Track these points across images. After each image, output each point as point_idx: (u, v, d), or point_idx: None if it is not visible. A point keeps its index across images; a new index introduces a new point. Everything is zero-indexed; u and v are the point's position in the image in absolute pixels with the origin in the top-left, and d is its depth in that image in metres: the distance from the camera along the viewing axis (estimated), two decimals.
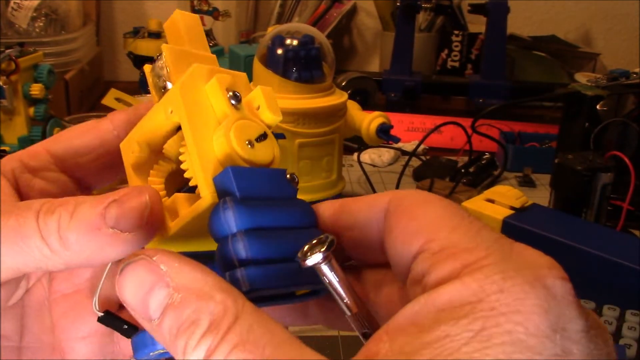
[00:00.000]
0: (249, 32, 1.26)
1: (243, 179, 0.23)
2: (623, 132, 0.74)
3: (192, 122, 0.24)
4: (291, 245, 0.23)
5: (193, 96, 0.25)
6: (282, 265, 0.22)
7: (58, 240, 0.22)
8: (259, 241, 0.22)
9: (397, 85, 1.08)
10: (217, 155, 0.24)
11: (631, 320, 0.45)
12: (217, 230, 0.22)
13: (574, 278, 0.59)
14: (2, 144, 0.86)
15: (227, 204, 0.22)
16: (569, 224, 0.60)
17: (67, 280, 0.26)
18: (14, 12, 1.01)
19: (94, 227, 0.22)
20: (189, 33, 0.28)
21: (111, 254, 0.22)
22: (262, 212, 0.23)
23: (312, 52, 0.63)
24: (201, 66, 0.25)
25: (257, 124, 0.25)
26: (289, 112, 0.61)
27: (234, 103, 0.24)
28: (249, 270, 0.21)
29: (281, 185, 0.24)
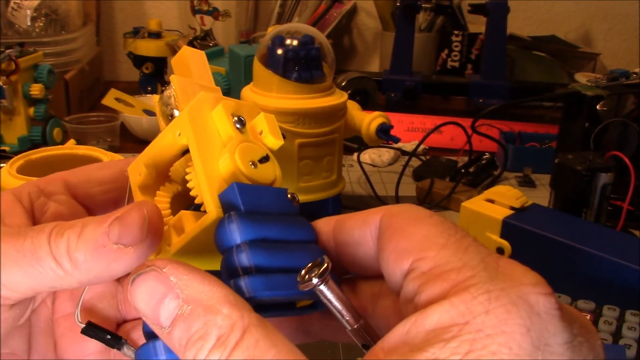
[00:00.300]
0: (249, 32, 1.26)
1: (247, 194, 0.24)
2: (623, 132, 0.74)
3: (199, 143, 0.26)
4: (293, 257, 0.24)
5: (200, 120, 0.26)
6: (284, 276, 0.23)
7: (69, 261, 0.23)
8: (262, 251, 0.23)
9: (397, 85, 1.08)
10: (222, 174, 0.25)
11: (631, 320, 0.45)
12: (222, 242, 0.24)
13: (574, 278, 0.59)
14: (2, 144, 0.86)
15: (232, 217, 0.23)
16: (569, 224, 0.60)
17: (67, 301, 0.28)
18: (14, 12, 1.01)
19: (99, 246, 0.23)
20: (195, 67, 0.30)
21: (117, 268, 0.24)
22: (265, 225, 0.24)
23: (312, 52, 0.63)
24: (208, 94, 0.27)
25: (260, 147, 0.27)
26: (289, 112, 0.61)
27: (239, 127, 0.26)
28: (252, 278, 0.23)
29: (283, 203, 0.26)
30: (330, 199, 0.67)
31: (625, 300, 0.50)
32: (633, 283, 0.52)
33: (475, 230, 0.62)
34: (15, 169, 0.59)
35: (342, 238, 0.26)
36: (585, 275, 0.55)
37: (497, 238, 0.60)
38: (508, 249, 0.59)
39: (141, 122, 0.92)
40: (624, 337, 0.43)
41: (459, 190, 0.76)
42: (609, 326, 0.44)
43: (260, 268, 0.23)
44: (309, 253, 0.25)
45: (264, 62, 0.63)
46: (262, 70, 0.63)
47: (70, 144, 0.66)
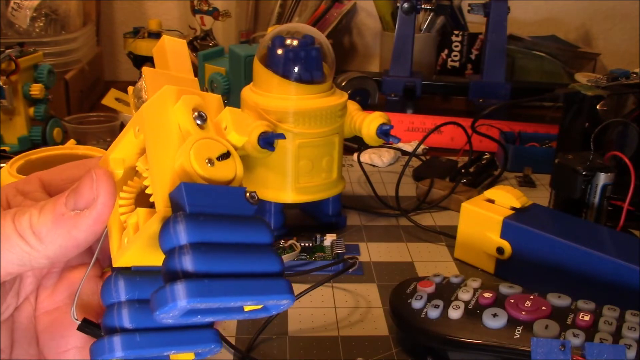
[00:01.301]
0: (249, 32, 1.26)
1: (196, 195, 0.24)
2: (623, 132, 0.74)
3: (155, 140, 0.25)
4: (239, 261, 0.24)
5: (160, 116, 0.26)
6: (226, 281, 0.23)
7: (32, 235, 0.25)
8: (205, 255, 0.23)
9: (397, 85, 1.08)
10: (176, 172, 0.25)
11: (631, 320, 0.45)
12: (165, 242, 0.23)
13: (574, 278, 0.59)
14: (2, 144, 0.86)
15: (177, 218, 0.23)
16: (569, 224, 0.60)
17: (49, 299, 0.29)
18: (14, 12, 1.01)
19: (58, 215, 0.25)
20: (173, 57, 0.30)
21: (77, 234, 0.25)
22: (211, 227, 0.24)
23: (312, 52, 0.63)
24: (171, 87, 0.26)
25: (220, 144, 0.26)
26: (289, 112, 0.61)
27: (199, 123, 0.26)
28: (189, 282, 0.22)
29: (238, 203, 0.25)
30: (330, 199, 0.68)
31: (625, 300, 0.50)
32: (633, 283, 0.52)
33: (475, 230, 0.62)
34: (15, 169, 0.59)
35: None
36: (585, 275, 0.54)
37: (497, 238, 0.60)
38: (508, 249, 0.59)
39: None
40: (624, 337, 0.43)
41: (459, 190, 0.76)
42: (609, 326, 0.44)
43: (202, 272, 0.23)
44: (258, 257, 0.24)
45: (264, 62, 0.63)
46: (262, 70, 0.63)
47: (70, 144, 0.66)
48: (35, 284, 0.30)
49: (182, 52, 0.30)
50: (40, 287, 0.30)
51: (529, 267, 0.58)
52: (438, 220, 0.73)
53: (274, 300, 0.24)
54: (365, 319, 0.54)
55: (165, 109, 0.26)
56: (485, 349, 0.45)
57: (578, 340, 0.43)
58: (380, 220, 0.73)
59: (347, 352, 0.50)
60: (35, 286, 0.30)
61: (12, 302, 0.29)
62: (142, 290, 0.27)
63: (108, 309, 0.27)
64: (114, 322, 0.26)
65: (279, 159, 0.63)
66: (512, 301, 0.46)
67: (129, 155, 0.28)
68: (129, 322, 0.26)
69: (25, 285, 0.29)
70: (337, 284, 0.59)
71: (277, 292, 0.24)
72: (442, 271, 0.62)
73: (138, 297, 0.27)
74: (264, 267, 0.24)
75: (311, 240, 0.63)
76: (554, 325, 0.44)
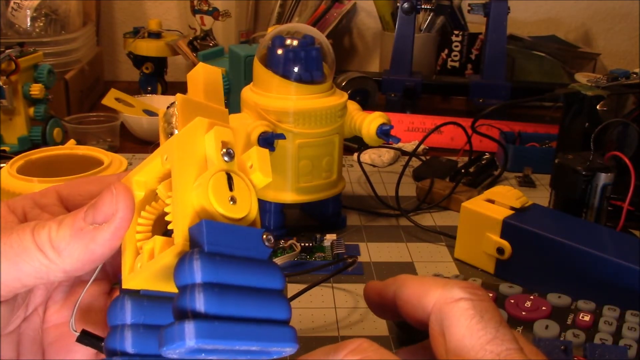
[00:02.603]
0: (249, 32, 1.26)
1: (215, 233, 0.24)
2: (623, 132, 0.74)
3: (182, 171, 0.25)
4: (249, 306, 0.24)
5: (189, 147, 0.26)
6: (234, 324, 0.23)
7: (51, 248, 0.25)
8: (217, 296, 0.23)
9: (397, 85, 1.08)
10: (195, 206, 0.25)
11: (631, 320, 0.45)
12: (179, 278, 0.23)
13: (574, 278, 0.59)
14: (2, 144, 0.86)
15: (194, 255, 0.23)
16: (569, 224, 0.60)
17: (59, 312, 0.30)
18: (14, 12, 1.01)
19: (77, 229, 0.25)
20: (206, 85, 0.30)
21: (95, 248, 0.25)
22: (226, 268, 0.24)
23: (312, 52, 0.63)
24: (203, 120, 0.26)
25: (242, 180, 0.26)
26: (289, 112, 0.61)
27: (226, 160, 0.26)
28: (198, 323, 0.22)
29: (254, 245, 0.25)
30: (330, 199, 0.67)
31: (625, 300, 0.50)
32: (633, 283, 0.52)
33: (475, 230, 0.62)
34: (15, 169, 0.59)
35: (399, 301, 0.30)
36: (585, 275, 0.54)
37: (497, 238, 0.60)
38: (508, 249, 0.59)
39: (141, 122, 0.92)
40: (624, 338, 0.43)
41: (459, 190, 0.76)
42: (609, 326, 0.44)
43: (212, 314, 0.23)
44: (268, 303, 0.24)
45: (264, 62, 0.63)
46: (262, 70, 0.63)
47: (70, 144, 0.66)
48: (45, 296, 0.30)
49: (216, 80, 0.30)
50: (50, 300, 0.30)
51: (529, 267, 0.58)
52: (438, 220, 0.73)
53: (277, 347, 0.24)
54: (365, 319, 0.54)
55: (195, 141, 0.26)
56: None
57: (578, 340, 0.43)
58: (380, 220, 0.73)
59: None
60: (45, 298, 0.30)
61: (21, 313, 0.29)
62: (149, 315, 0.27)
63: (112, 330, 0.26)
64: (116, 344, 0.26)
65: (279, 159, 0.63)
66: (512, 301, 0.46)
67: (151, 179, 0.28)
68: (131, 346, 0.26)
69: (35, 296, 0.29)
70: (337, 284, 0.59)
71: (282, 340, 0.24)
72: (442, 271, 0.62)
73: (144, 322, 0.27)
74: (273, 314, 0.25)
75: (311, 240, 0.63)
76: (554, 325, 0.44)
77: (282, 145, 0.62)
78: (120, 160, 0.62)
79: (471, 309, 0.27)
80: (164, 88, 1.16)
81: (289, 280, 0.59)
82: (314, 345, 0.51)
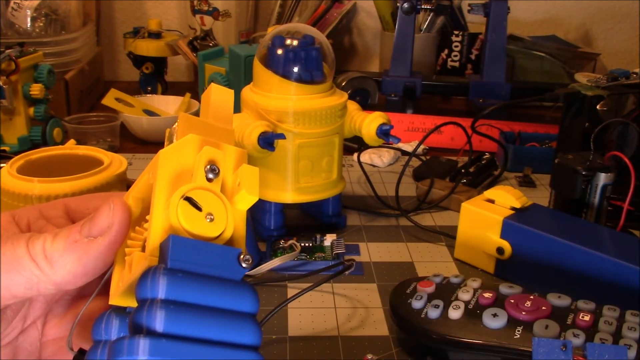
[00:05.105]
0: (249, 32, 1.26)
1: (183, 250, 0.23)
2: (623, 132, 0.74)
3: (161, 186, 0.25)
4: (209, 327, 0.23)
5: (176, 164, 0.26)
6: (188, 344, 0.22)
7: (44, 259, 0.25)
8: (173, 314, 0.22)
9: (397, 85, 1.08)
10: (167, 222, 0.24)
11: (631, 320, 0.45)
12: (139, 291, 0.23)
13: (574, 278, 0.59)
14: (2, 144, 0.86)
15: (156, 270, 0.23)
16: (569, 224, 0.60)
17: (56, 327, 0.29)
18: (14, 12, 1.01)
19: (71, 242, 0.25)
20: (216, 105, 0.30)
21: (88, 261, 0.25)
22: (189, 286, 0.23)
23: (312, 52, 0.63)
24: (194, 137, 0.26)
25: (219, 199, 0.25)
26: (289, 112, 0.61)
27: (210, 177, 0.25)
28: (149, 339, 0.22)
29: (228, 265, 0.24)
30: (330, 199, 0.68)
31: (625, 300, 0.50)
32: (633, 283, 0.52)
33: (475, 230, 0.62)
34: (15, 169, 0.58)
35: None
36: (585, 275, 0.54)
37: (497, 238, 0.60)
38: (508, 249, 0.59)
39: (141, 122, 0.92)
40: (624, 338, 0.43)
41: (459, 190, 0.76)
42: (609, 326, 0.44)
43: (165, 332, 0.22)
44: (234, 326, 0.23)
45: (264, 62, 0.63)
46: (262, 70, 0.63)
47: (70, 144, 0.66)
48: (45, 309, 0.29)
49: (226, 100, 0.30)
50: (50, 314, 0.30)
51: (529, 267, 0.58)
52: (438, 220, 0.73)
53: None
54: (365, 319, 0.54)
55: (182, 157, 0.26)
56: (485, 349, 0.45)
57: (578, 340, 0.43)
58: (380, 220, 0.73)
59: (347, 352, 0.50)
60: (44, 312, 0.29)
61: (18, 325, 0.29)
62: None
63: (95, 345, 0.26)
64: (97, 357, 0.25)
65: (279, 159, 0.63)
66: (512, 301, 0.46)
67: (148, 196, 0.28)
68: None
69: (34, 309, 0.29)
70: (337, 284, 0.59)
71: None
72: (442, 271, 0.62)
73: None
74: (237, 338, 0.24)
75: (311, 240, 0.63)
76: (554, 325, 0.44)
77: (282, 145, 0.62)
78: (120, 160, 0.62)
79: None
80: (164, 88, 1.16)
81: (289, 281, 0.59)
82: (314, 345, 0.51)
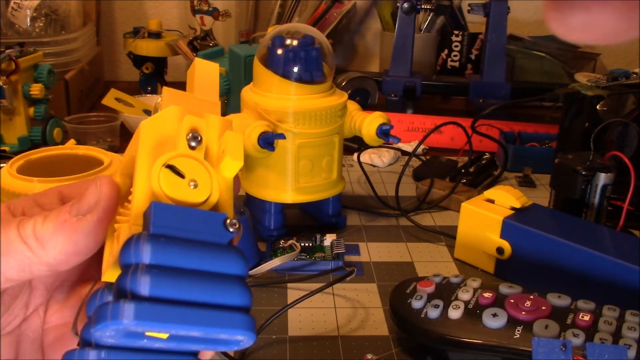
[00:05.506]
0: (249, 32, 1.26)
1: (165, 216, 0.23)
2: (623, 132, 0.74)
3: (143, 156, 0.25)
4: (195, 289, 0.23)
5: (158, 134, 0.26)
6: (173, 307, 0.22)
7: (35, 240, 0.25)
8: (157, 277, 0.22)
9: (397, 85, 1.08)
10: (149, 189, 0.25)
11: (631, 320, 0.45)
12: (122, 258, 0.23)
13: (574, 278, 0.59)
14: (2, 144, 0.86)
15: (139, 237, 0.23)
16: (569, 224, 0.60)
17: (58, 313, 0.30)
18: (14, 12, 1.01)
19: (61, 222, 0.25)
20: (200, 79, 0.30)
21: (78, 239, 0.25)
22: (172, 250, 0.23)
23: (312, 52, 0.63)
24: (175, 108, 0.26)
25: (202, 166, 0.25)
26: (289, 112, 0.61)
27: (192, 145, 0.25)
28: (132, 303, 0.22)
29: (212, 229, 0.24)
30: (330, 199, 0.67)
31: (625, 300, 0.50)
32: (633, 283, 0.52)
33: (475, 230, 0.62)
34: (15, 169, 0.59)
35: None
36: (585, 275, 0.54)
37: (497, 238, 0.60)
38: (508, 249, 0.59)
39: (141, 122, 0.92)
40: (624, 337, 0.43)
41: (459, 190, 0.76)
42: (609, 326, 0.44)
43: (150, 296, 0.22)
44: (222, 288, 0.23)
45: (264, 62, 0.63)
46: (262, 70, 0.63)
47: (70, 144, 0.66)
48: (46, 296, 0.30)
49: (211, 74, 0.30)
50: (51, 300, 0.30)
51: (529, 267, 0.58)
52: (438, 220, 0.73)
53: (225, 335, 0.23)
54: (365, 319, 0.54)
55: (164, 127, 0.26)
56: (485, 349, 0.45)
57: (578, 340, 0.43)
58: (380, 220, 0.73)
59: (347, 352, 0.50)
60: (46, 299, 0.30)
61: (20, 313, 0.29)
62: None
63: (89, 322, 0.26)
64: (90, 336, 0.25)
65: (279, 159, 0.63)
66: (512, 301, 0.46)
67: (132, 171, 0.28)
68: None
69: (35, 297, 0.29)
70: (337, 284, 0.59)
71: (232, 326, 0.23)
72: (442, 271, 0.62)
73: None
74: (226, 299, 0.23)
75: (311, 240, 0.63)
76: (554, 325, 0.44)
77: (282, 145, 0.62)
78: (120, 160, 0.62)
79: None
80: None
81: (290, 281, 0.59)
82: (314, 345, 0.51)
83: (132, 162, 0.27)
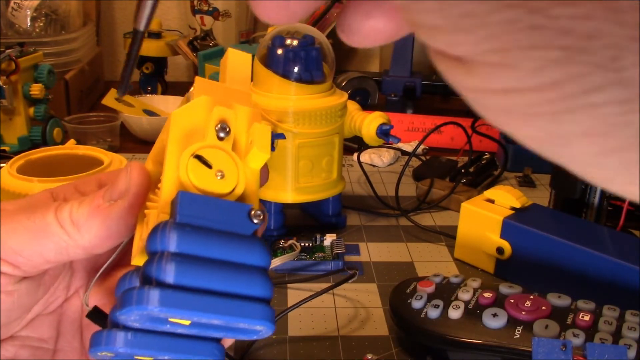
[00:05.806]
0: (249, 32, 1.26)
1: (191, 205, 0.24)
2: None
3: (173, 145, 0.26)
4: (218, 279, 0.23)
5: (187, 124, 0.26)
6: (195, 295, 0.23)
7: (71, 224, 0.26)
8: (182, 266, 0.23)
9: (397, 85, 1.08)
10: (177, 178, 0.25)
11: (631, 320, 0.45)
12: (149, 245, 0.24)
13: (574, 278, 0.59)
14: (2, 144, 0.86)
15: (166, 225, 0.23)
16: (569, 224, 0.60)
17: (96, 294, 0.31)
18: (14, 12, 1.01)
19: (95, 206, 0.27)
20: (232, 69, 0.30)
21: (111, 224, 0.26)
22: (197, 240, 0.23)
23: (312, 52, 0.63)
24: (205, 98, 0.27)
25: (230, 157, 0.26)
26: (289, 112, 0.61)
27: (221, 135, 0.26)
28: (156, 290, 0.22)
29: (238, 221, 0.25)
30: (330, 199, 0.68)
31: (625, 300, 0.50)
32: (633, 283, 0.52)
33: (475, 230, 0.62)
34: (15, 169, 0.58)
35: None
36: (585, 275, 0.54)
37: (497, 238, 0.60)
38: (508, 249, 0.59)
39: (141, 122, 0.92)
40: (624, 337, 0.43)
41: (459, 190, 0.76)
42: (609, 326, 0.44)
43: (174, 283, 0.22)
44: (244, 278, 0.24)
45: (264, 62, 0.63)
46: (262, 70, 0.63)
47: (70, 144, 0.66)
48: (86, 278, 0.31)
49: (243, 64, 0.31)
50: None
51: (529, 267, 0.58)
52: (438, 220, 0.73)
53: (245, 324, 0.24)
54: (365, 319, 0.54)
55: (193, 117, 0.27)
56: (485, 349, 0.45)
57: (578, 340, 0.43)
58: (380, 220, 0.73)
59: (347, 352, 0.50)
60: (86, 281, 0.31)
61: (62, 294, 0.30)
62: None
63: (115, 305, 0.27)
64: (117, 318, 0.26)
65: (279, 159, 0.63)
66: (512, 301, 0.46)
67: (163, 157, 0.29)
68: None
69: (76, 279, 0.31)
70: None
71: (252, 316, 0.23)
72: (442, 271, 0.62)
73: None
74: (247, 290, 0.24)
75: (311, 240, 0.63)
76: (554, 325, 0.44)
77: (282, 145, 0.62)
78: (120, 160, 0.62)
79: None
80: (164, 88, 1.16)
81: (290, 282, 0.59)
82: (314, 345, 0.51)
83: (162, 150, 0.28)
